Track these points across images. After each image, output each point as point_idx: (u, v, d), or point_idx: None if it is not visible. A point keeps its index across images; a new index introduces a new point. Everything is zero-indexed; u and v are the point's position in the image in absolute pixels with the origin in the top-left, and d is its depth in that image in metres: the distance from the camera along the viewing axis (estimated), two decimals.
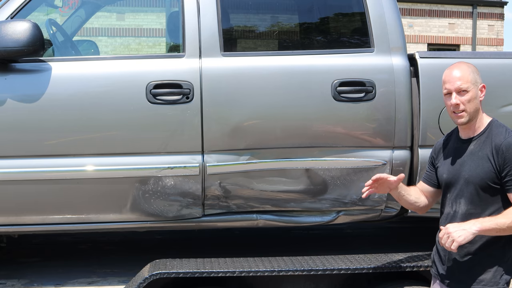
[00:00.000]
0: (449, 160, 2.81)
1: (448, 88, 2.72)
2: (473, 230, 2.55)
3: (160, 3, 8.95)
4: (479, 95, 2.71)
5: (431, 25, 19.01)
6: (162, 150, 3.50)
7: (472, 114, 2.70)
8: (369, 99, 3.59)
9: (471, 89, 2.68)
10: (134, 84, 3.48)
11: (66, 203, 3.53)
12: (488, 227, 2.56)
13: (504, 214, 2.58)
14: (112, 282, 3.74)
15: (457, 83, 2.69)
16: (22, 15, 3.52)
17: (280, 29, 4.42)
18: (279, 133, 3.56)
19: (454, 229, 2.56)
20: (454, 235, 2.54)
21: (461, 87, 2.68)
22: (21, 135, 3.42)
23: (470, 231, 2.55)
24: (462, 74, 2.69)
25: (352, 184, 3.67)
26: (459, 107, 2.69)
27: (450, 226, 2.59)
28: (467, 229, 2.55)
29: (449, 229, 2.58)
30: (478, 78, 2.72)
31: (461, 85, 2.67)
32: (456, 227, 2.57)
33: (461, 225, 2.59)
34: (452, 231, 2.56)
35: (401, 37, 3.71)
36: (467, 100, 2.68)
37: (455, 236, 2.54)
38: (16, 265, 4.07)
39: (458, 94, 2.69)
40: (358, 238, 4.85)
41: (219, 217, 3.70)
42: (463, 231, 2.54)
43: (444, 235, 2.58)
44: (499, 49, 19.61)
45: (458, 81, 2.69)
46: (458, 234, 2.54)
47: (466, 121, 2.71)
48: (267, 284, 3.49)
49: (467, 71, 2.70)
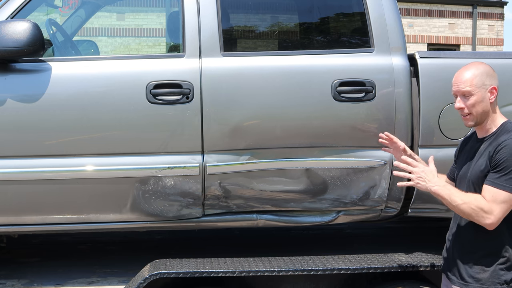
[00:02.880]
0: (464, 157, 2.84)
1: (453, 90, 2.73)
2: (430, 188, 2.63)
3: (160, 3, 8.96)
4: (488, 97, 2.68)
5: (431, 25, 19.02)
6: (162, 150, 3.50)
7: (478, 117, 2.69)
8: (369, 99, 3.59)
9: (475, 93, 2.66)
10: (134, 84, 3.48)
11: (66, 203, 3.53)
12: (442, 194, 2.62)
13: (462, 194, 2.62)
14: (112, 282, 3.74)
15: (460, 86, 2.68)
16: (22, 15, 3.52)
17: (280, 29, 4.42)
18: (279, 133, 3.56)
19: (426, 175, 2.64)
20: (422, 176, 2.63)
21: (463, 90, 2.67)
22: (21, 135, 3.42)
23: (428, 185, 2.63)
24: (467, 77, 2.68)
25: (352, 184, 3.67)
26: (464, 111, 2.69)
27: (427, 171, 2.66)
28: (430, 181, 2.63)
29: (426, 172, 2.65)
30: (488, 80, 2.68)
31: (464, 89, 2.67)
32: (428, 174, 2.64)
33: (433, 177, 2.64)
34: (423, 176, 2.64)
35: (401, 37, 3.71)
36: (471, 104, 2.67)
37: (420, 179, 2.63)
38: (16, 265, 4.07)
39: (462, 98, 2.69)
40: (358, 238, 4.84)
41: (219, 217, 3.70)
42: (424, 182, 2.63)
43: (421, 172, 2.65)
44: (499, 49, 19.62)
45: (461, 84, 2.68)
46: (422, 180, 2.63)
47: (473, 123, 2.71)
48: (267, 284, 3.49)
49: (474, 74, 2.68)
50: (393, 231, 5.07)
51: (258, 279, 3.46)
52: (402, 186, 2.86)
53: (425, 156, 3.61)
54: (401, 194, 3.73)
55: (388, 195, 3.71)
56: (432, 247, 3.68)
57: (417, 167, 2.67)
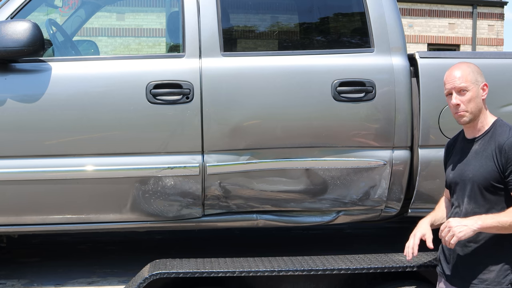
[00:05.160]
0: (455, 160, 2.83)
1: (448, 88, 2.73)
2: (474, 227, 2.56)
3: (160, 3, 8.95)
4: (481, 94, 2.71)
5: (431, 25, 19.02)
6: (162, 150, 3.50)
7: (474, 114, 2.70)
8: (369, 99, 3.59)
9: (471, 88, 2.68)
10: (134, 84, 3.47)
11: (66, 203, 3.53)
12: (489, 225, 2.56)
13: (507, 212, 2.58)
14: (112, 282, 3.74)
15: (456, 82, 2.70)
16: (22, 15, 3.51)
17: (280, 29, 4.42)
18: (279, 133, 3.56)
19: (455, 223, 2.58)
20: (455, 230, 2.55)
21: (460, 86, 2.68)
22: (21, 135, 3.42)
23: (471, 227, 2.55)
24: (462, 74, 2.70)
25: (352, 184, 3.67)
26: (460, 107, 2.69)
27: (452, 221, 2.61)
28: (468, 225, 2.56)
29: (451, 223, 2.59)
30: (480, 77, 2.72)
31: (460, 84, 2.68)
32: (458, 222, 2.58)
33: (463, 220, 2.60)
34: (453, 226, 2.57)
35: (401, 37, 3.71)
36: (467, 99, 2.68)
37: (456, 231, 2.55)
38: (16, 265, 4.07)
39: (458, 94, 2.70)
40: (358, 238, 4.84)
41: (219, 217, 3.70)
42: (464, 227, 2.55)
43: (445, 228, 2.59)
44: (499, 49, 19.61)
45: (457, 81, 2.70)
46: (459, 230, 2.55)
47: (469, 120, 2.71)
48: (267, 284, 3.49)
49: (467, 70, 2.71)
50: (393, 231, 5.07)
51: (258, 279, 3.46)
52: None
53: (425, 156, 3.63)
54: (401, 194, 3.73)
55: (388, 195, 3.71)
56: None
57: (444, 230, 2.61)
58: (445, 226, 2.60)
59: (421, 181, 3.66)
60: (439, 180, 3.38)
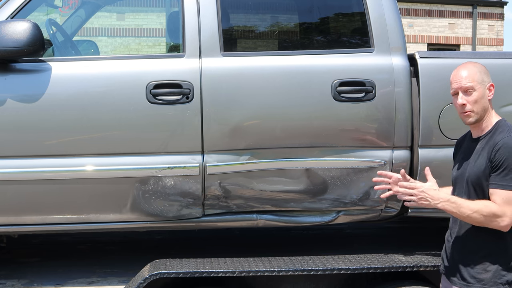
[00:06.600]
0: (459, 158, 2.84)
1: (454, 87, 2.72)
2: (436, 205, 2.63)
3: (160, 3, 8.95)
4: (487, 94, 2.70)
5: (431, 25, 19.02)
6: (162, 150, 3.50)
7: (480, 114, 2.69)
8: (369, 99, 3.59)
9: (477, 88, 2.67)
10: (134, 84, 3.48)
11: (66, 203, 3.53)
12: (448, 209, 2.62)
13: (471, 204, 2.61)
14: (112, 282, 3.74)
15: (463, 82, 2.69)
16: (22, 15, 3.52)
17: (280, 29, 4.42)
18: (279, 133, 3.56)
19: (425, 194, 2.64)
20: (421, 196, 2.63)
21: (466, 86, 2.67)
22: (21, 135, 3.42)
23: (433, 204, 2.63)
24: (468, 74, 2.69)
25: (352, 184, 3.67)
26: (466, 107, 2.69)
27: (427, 189, 2.66)
28: (434, 199, 2.62)
29: (425, 189, 2.65)
30: (486, 77, 2.71)
31: (466, 84, 2.67)
32: (429, 193, 2.64)
33: (434, 194, 2.64)
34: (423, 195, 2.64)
35: (401, 37, 3.71)
36: (473, 100, 2.67)
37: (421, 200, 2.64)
38: (16, 265, 4.07)
39: (464, 94, 2.69)
40: (358, 238, 4.84)
41: (219, 217, 3.70)
42: (428, 201, 2.63)
43: (418, 190, 2.65)
44: (499, 49, 19.61)
45: (463, 80, 2.69)
46: (424, 200, 2.64)
47: (474, 120, 2.70)
48: (267, 284, 3.49)
49: (473, 70, 2.70)
50: (393, 231, 5.07)
51: (258, 279, 3.46)
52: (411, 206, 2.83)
53: (425, 156, 3.63)
54: None
55: None
56: (432, 247, 3.68)
57: (416, 189, 2.67)
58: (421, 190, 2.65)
59: (421, 181, 3.65)
60: (439, 180, 3.37)
